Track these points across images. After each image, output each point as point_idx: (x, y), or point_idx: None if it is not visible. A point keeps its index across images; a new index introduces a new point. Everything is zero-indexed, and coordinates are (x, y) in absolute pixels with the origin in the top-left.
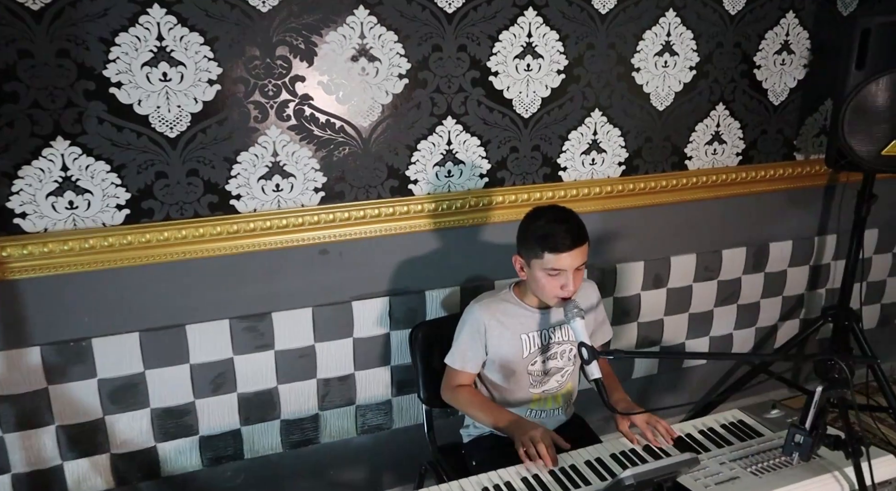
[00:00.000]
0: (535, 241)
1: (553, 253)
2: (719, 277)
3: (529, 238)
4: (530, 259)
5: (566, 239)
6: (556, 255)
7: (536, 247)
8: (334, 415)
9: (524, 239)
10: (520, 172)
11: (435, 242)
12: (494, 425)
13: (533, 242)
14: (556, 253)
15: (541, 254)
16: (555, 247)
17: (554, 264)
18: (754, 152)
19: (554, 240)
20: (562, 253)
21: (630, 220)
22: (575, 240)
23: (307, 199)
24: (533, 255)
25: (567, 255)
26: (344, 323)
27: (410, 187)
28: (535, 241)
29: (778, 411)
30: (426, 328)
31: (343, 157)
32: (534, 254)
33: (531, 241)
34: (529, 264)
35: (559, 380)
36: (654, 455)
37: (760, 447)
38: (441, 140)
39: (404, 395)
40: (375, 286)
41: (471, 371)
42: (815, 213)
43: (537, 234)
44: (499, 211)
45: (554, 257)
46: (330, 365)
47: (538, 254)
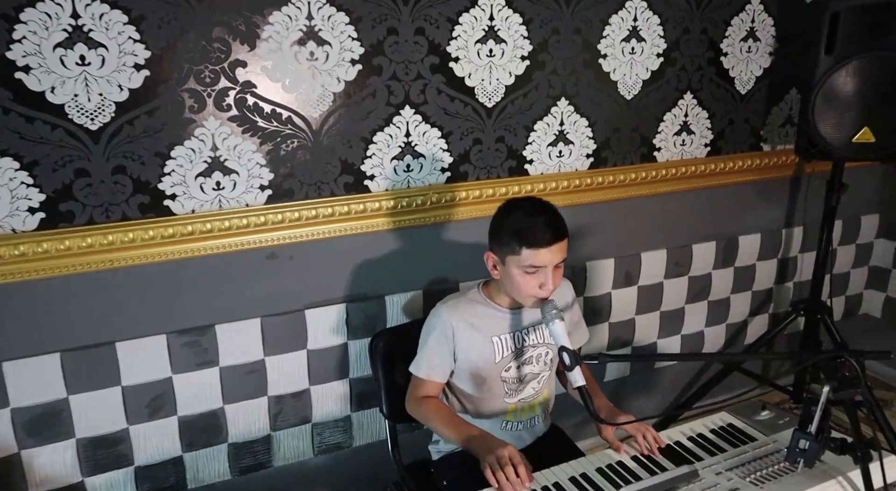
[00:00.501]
0: (511, 236)
1: (531, 248)
2: (690, 273)
3: (504, 233)
4: (505, 256)
5: (545, 233)
6: (535, 250)
7: (512, 242)
8: (288, 435)
9: (498, 234)
10: (484, 166)
11: (394, 243)
12: (458, 442)
13: (508, 237)
14: (535, 248)
15: (517, 250)
16: (533, 242)
17: (532, 261)
18: (722, 143)
19: (532, 234)
20: (541, 248)
21: (599, 215)
22: (555, 234)
23: (252, 198)
24: (508, 251)
25: (546, 250)
26: (296, 334)
27: (366, 183)
28: (510, 235)
29: (768, 412)
30: (387, 336)
31: (291, 152)
32: (509, 250)
33: (506, 236)
34: (504, 261)
35: (535, 387)
36: (645, 467)
37: (756, 453)
38: (399, 132)
39: (365, 409)
40: (330, 292)
41: (437, 380)
42: (782, 206)
43: (513, 229)
44: (463, 207)
45: (532, 253)
46: (282, 381)
47: (514, 250)
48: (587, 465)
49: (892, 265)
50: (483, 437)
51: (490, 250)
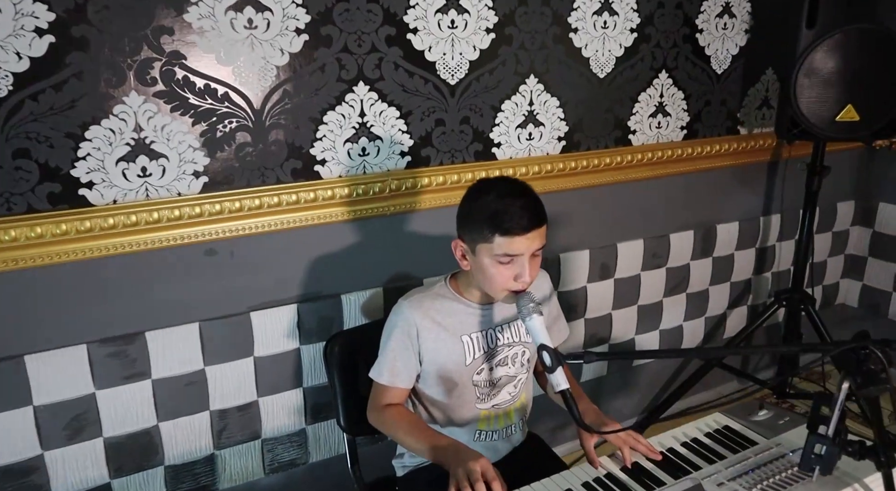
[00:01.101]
0: (484, 222)
1: (506, 236)
2: (668, 264)
3: (475, 218)
4: (476, 244)
5: (522, 218)
6: (510, 238)
7: (485, 228)
8: (235, 453)
9: (468, 219)
10: (448, 149)
11: (351, 236)
12: (426, 453)
13: (480, 223)
14: (510, 235)
15: (490, 237)
16: (509, 228)
17: (507, 249)
18: (699, 126)
19: (507, 219)
20: (516, 235)
21: (573, 203)
22: (533, 219)
23: (185, 186)
24: (480, 238)
25: (523, 238)
26: (241, 339)
27: (317, 169)
28: (483, 221)
29: (766, 412)
30: (344, 339)
31: (230, 133)
32: (481, 237)
33: (478, 222)
34: (474, 250)
35: (511, 391)
36: (637, 479)
37: (759, 459)
38: (352, 111)
39: (322, 422)
40: (279, 292)
41: (402, 386)
42: (759, 192)
43: (486, 213)
44: (425, 195)
45: (507, 241)
46: (226, 392)
47: (487, 237)
48: (571, 479)
49: (867, 253)
50: (453, 447)
51: (458, 238)
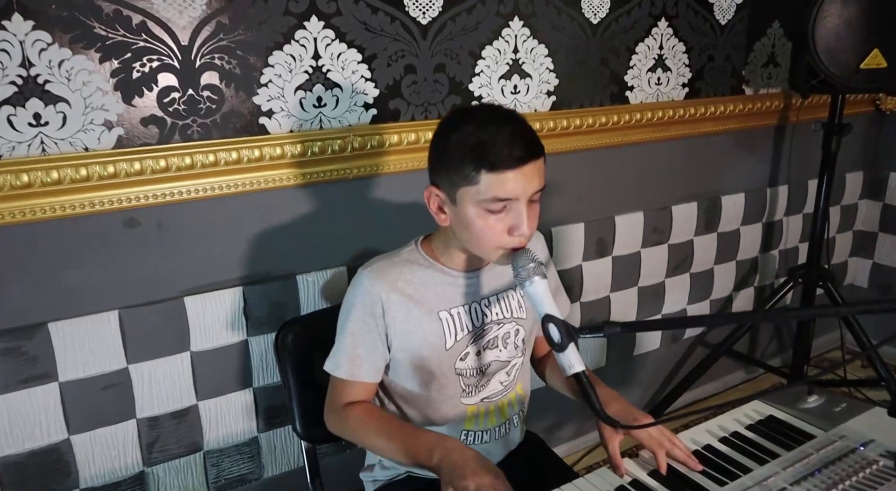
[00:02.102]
0: (465, 157)
1: (495, 172)
2: (670, 241)
3: (454, 154)
4: (457, 189)
5: (514, 148)
6: (501, 174)
7: (466, 166)
8: (171, 470)
9: (444, 157)
10: (420, 102)
11: (306, 204)
12: (409, 459)
13: (460, 160)
14: (501, 171)
15: (474, 176)
16: (498, 162)
17: (497, 191)
18: (701, 84)
19: (495, 150)
20: (508, 171)
21: (565, 169)
22: (528, 148)
23: (93, 139)
24: (461, 180)
25: (517, 173)
26: (173, 331)
27: (263, 122)
28: (463, 156)
29: (816, 398)
30: (299, 327)
31: (149, 74)
32: (462, 178)
33: (457, 159)
34: (455, 198)
35: (504, 379)
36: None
37: (824, 456)
38: (304, 52)
39: (277, 428)
40: (219, 272)
41: (366, 380)
42: (765, 160)
43: (468, 146)
44: (395, 156)
45: (497, 179)
46: (156, 397)
47: (470, 177)
48: (588, 488)
49: (878, 228)
50: (444, 447)
51: (432, 185)
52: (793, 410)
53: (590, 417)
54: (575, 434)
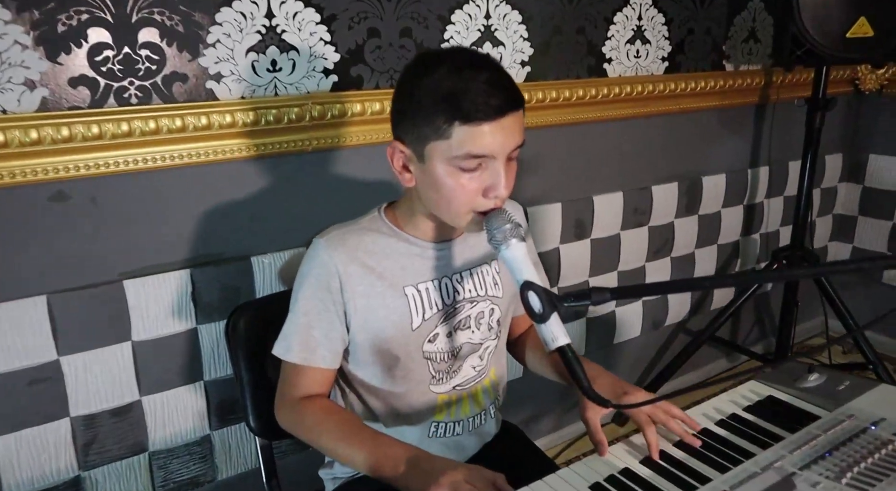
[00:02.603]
0: (437, 107)
1: (470, 124)
2: (650, 222)
3: (424, 104)
4: (425, 144)
5: (492, 97)
6: (476, 126)
7: (437, 117)
8: (112, 474)
9: (411, 108)
10: (384, 69)
11: (260, 178)
12: (371, 470)
13: (430, 111)
14: (476, 123)
15: (446, 129)
16: (472, 110)
17: (472, 147)
18: (682, 58)
19: (470, 98)
20: (485, 123)
21: (540, 145)
22: (508, 98)
23: (12, 100)
24: (431, 133)
25: (496, 125)
26: (112, 318)
27: (210, 87)
28: (433, 106)
29: (818, 376)
30: (253, 312)
31: (77, 28)
32: (432, 131)
33: (427, 109)
34: (422, 155)
35: (477, 364)
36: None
37: (833, 437)
38: (256, 10)
39: (232, 425)
40: (164, 253)
41: (322, 365)
42: (746, 139)
43: (439, 94)
44: (357, 128)
45: (471, 132)
46: (93, 392)
47: (441, 130)
48: (574, 479)
49: (857, 212)
50: (417, 459)
51: (396, 140)
52: (793, 389)
53: (570, 409)
54: (554, 427)
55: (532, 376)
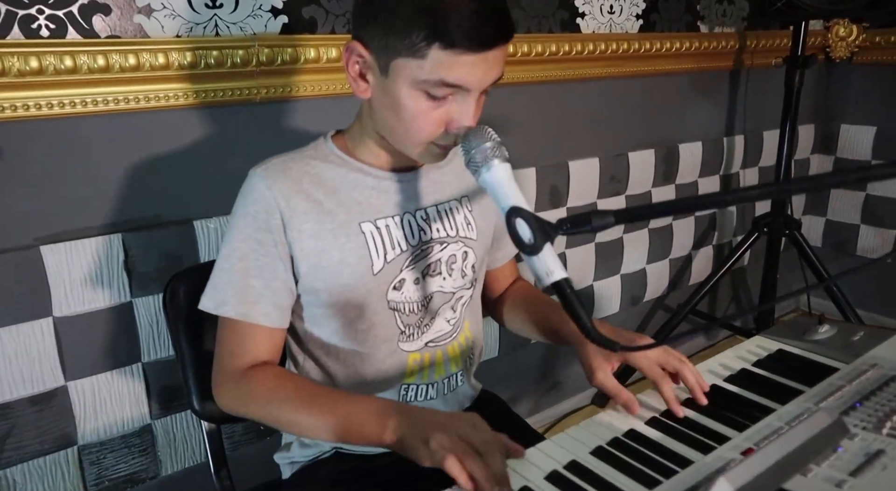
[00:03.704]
0: (417, 21)
1: (452, 50)
2: (627, 191)
3: (401, 12)
4: (393, 57)
5: (483, 21)
6: (458, 55)
7: (415, 32)
8: (32, 472)
9: (384, 11)
10: (341, 12)
11: (203, 130)
12: (348, 437)
13: (409, 22)
14: (459, 52)
15: (423, 49)
16: (458, 36)
17: (447, 75)
18: (656, 17)
19: (459, 20)
20: (468, 53)
21: (513, 105)
22: (500, 29)
23: None
24: (403, 48)
25: (480, 57)
26: (28, 291)
27: (140, 22)
28: (414, 18)
29: (828, 328)
30: (193, 279)
31: None
32: (406, 47)
33: (404, 19)
34: (386, 68)
35: (451, 317)
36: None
37: (858, 389)
38: None
39: (176, 412)
40: (90, 215)
41: (265, 323)
42: (721, 106)
43: (422, 5)
44: (312, 76)
45: (452, 61)
46: (7, 377)
47: (417, 48)
48: (571, 445)
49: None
50: (407, 412)
51: (356, 40)
52: (803, 343)
53: (549, 390)
54: (532, 410)
55: (508, 356)
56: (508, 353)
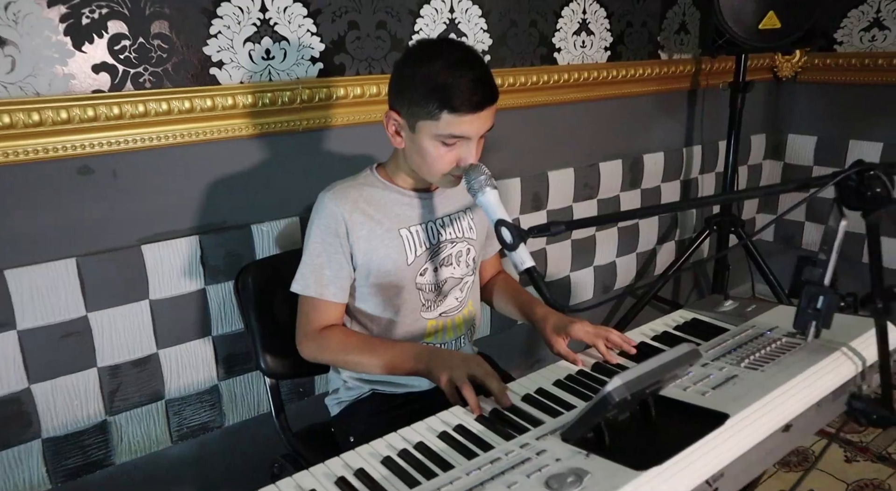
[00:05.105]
0: (429, 95)
1: (455, 114)
2: (599, 196)
3: (419, 89)
4: (417, 120)
5: (475, 94)
6: (460, 116)
7: (430, 103)
8: (134, 419)
9: (408, 88)
10: (364, 58)
11: (259, 154)
12: (393, 370)
13: (424, 96)
14: (460, 114)
15: (437, 114)
16: (458, 105)
17: (454, 129)
18: (622, 48)
19: (458, 95)
20: (467, 114)
21: (500, 126)
22: (487, 96)
23: (44, 84)
24: (423, 113)
25: (474, 117)
26: (132, 279)
27: (213, 73)
28: (428, 93)
29: (732, 303)
30: (258, 270)
31: (99, 21)
32: (425, 112)
33: (421, 94)
34: (413, 127)
35: (458, 296)
36: (609, 374)
37: (738, 341)
38: (251, 4)
39: (236, 376)
40: (176, 221)
41: (334, 300)
42: (681, 121)
43: (432, 84)
44: (342, 109)
45: (456, 120)
46: (117, 344)
47: (432, 113)
48: (540, 379)
49: None
50: (431, 352)
51: (392, 110)
52: (712, 313)
53: (533, 364)
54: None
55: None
56: (497, 333)
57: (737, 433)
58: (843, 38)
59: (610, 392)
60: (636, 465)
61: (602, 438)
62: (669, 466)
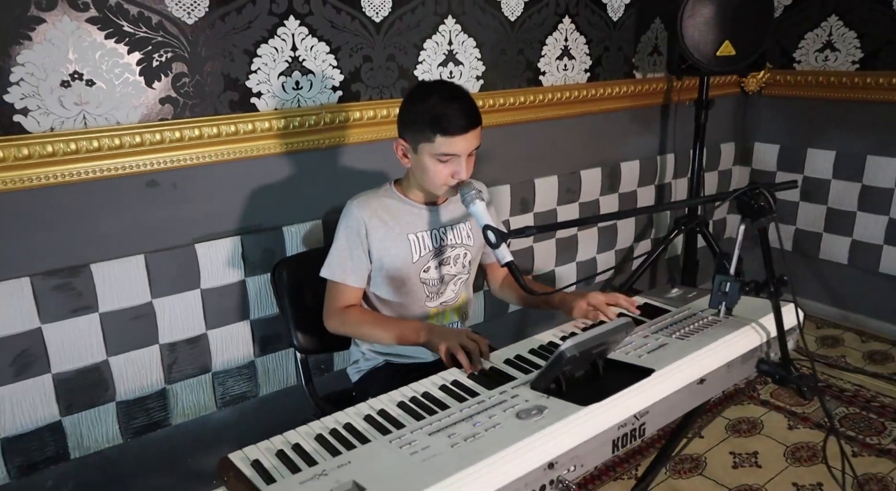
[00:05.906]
0: (425, 123)
1: (445, 136)
2: (580, 200)
3: (418, 119)
4: (418, 144)
5: (460, 119)
6: (450, 138)
7: (426, 129)
8: (186, 388)
9: (411, 120)
10: (376, 85)
11: (288, 168)
12: (401, 341)
13: (423, 125)
14: (450, 136)
15: (431, 137)
16: (448, 129)
17: (446, 149)
18: (600, 69)
19: (447, 121)
20: (455, 136)
21: (492, 140)
22: (470, 121)
23: (124, 115)
24: (422, 138)
25: (461, 138)
26: (187, 271)
27: (253, 102)
28: (424, 122)
29: (678, 290)
30: (290, 265)
31: (166, 63)
32: (423, 137)
33: (420, 123)
34: (416, 149)
35: (454, 289)
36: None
37: (676, 318)
38: (285, 45)
39: (270, 354)
40: (222, 224)
41: (354, 285)
42: (654, 133)
43: (428, 115)
44: (356, 129)
45: (447, 141)
46: (175, 325)
47: (428, 137)
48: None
49: None
50: (431, 327)
51: (400, 138)
52: (661, 298)
53: None
54: None
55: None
56: (490, 320)
57: (660, 383)
58: (801, 58)
59: (563, 350)
60: (582, 402)
61: (560, 386)
62: (606, 403)
